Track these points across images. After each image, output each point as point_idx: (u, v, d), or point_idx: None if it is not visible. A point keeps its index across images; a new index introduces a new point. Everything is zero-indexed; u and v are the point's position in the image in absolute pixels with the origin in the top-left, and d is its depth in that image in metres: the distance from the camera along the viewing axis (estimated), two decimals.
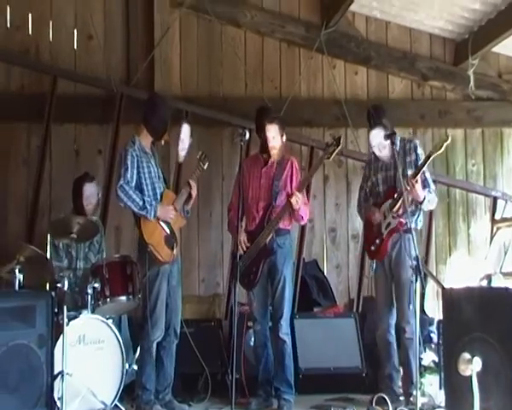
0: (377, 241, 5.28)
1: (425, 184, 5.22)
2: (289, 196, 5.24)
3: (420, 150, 5.33)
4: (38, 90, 6.68)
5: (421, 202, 5.17)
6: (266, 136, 5.34)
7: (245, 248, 5.30)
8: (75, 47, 6.90)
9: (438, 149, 5.03)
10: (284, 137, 5.44)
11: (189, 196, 5.22)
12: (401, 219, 5.14)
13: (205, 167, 5.31)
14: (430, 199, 5.23)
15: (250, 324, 5.65)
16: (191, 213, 5.45)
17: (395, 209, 5.16)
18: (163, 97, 5.45)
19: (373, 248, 5.32)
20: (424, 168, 5.14)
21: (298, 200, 5.21)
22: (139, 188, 5.07)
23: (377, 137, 5.29)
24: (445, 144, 5.01)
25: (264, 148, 5.43)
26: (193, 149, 5.80)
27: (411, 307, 5.13)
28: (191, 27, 7.07)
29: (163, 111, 5.22)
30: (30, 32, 6.83)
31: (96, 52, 6.86)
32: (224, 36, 7.09)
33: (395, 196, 5.15)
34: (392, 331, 5.32)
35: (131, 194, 5.00)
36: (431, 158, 5.07)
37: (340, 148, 5.23)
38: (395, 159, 5.05)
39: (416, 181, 5.02)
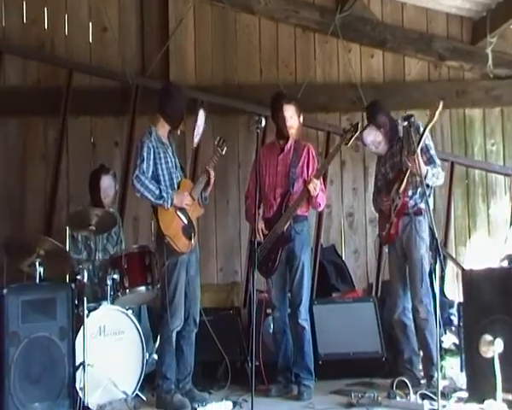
0: (387, 225, 5.29)
1: (430, 161, 5.22)
2: (307, 182, 5.23)
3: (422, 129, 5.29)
4: (54, 84, 6.72)
5: (424, 176, 5.08)
6: (284, 115, 5.33)
7: (262, 236, 5.31)
8: (90, 40, 6.92)
9: (432, 119, 5.04)
10: (301, 118, 5.44)
11: (207, 182, 5.21)
12: (405, 199, 5.13)
13: (223, 153, 5.30)
14: (434, 173, 5.18)
15: (269, 311, 5.66)
16: (209, 201, 5.45)
17: (401, 190, 5.17)
18: (178, 86, 5.46)
19: (384, 233, 5.34)
20: (426, 143, 5.16)
21: (316, 187, 5.20)
22: (156, 179, 5.07)
23: (369, 136, 5.37)
24: (437, 112, 5.02)
25: (281, 132, 5.42)
26: (209, 137, 5.81)
27: (424, 286, 5.12)
28: (205, 16, 7.05)
29: (178, 99, 5.22)
30: (45, 27, 6.87)
31: (110, 44, 6.87)
32: (238, 23, 7.06)
33: (401, 177, 5.17)
34: (409, 314, 5.30)
35: (147, 184, 5.01)
36: (427, 129, 5.07)
37: (357, 133, 5.23)
38: (403, 143, 5.06)
39: (416, 155, 4.96)
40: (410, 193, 5.21)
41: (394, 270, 5.37)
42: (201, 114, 5.38)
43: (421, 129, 5.19)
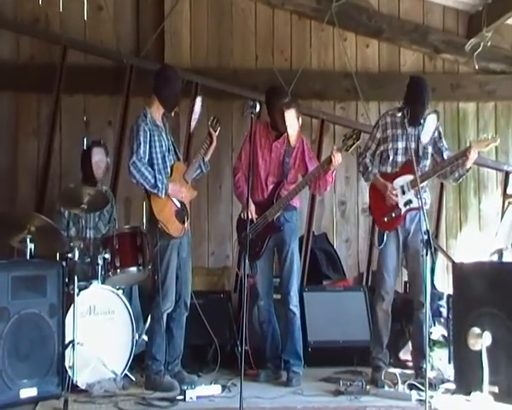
0: (393, 214, 5.17)
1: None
2: (335, 150, 5.13)
3: (441, 128, 5.34)
4: (48, 61, 6.66)
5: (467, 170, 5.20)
6: (284, 123, 5.29)
7: (254, 219, 5.30)
8: (85, 18, 6.85)
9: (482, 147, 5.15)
10: (300, 120, 5.42)
11: (210, 145, 5.20)
12: (419, 202, 5.04)
13: (216, 133, 5.28)
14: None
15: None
16: (201, 187, 5.43)
17: (418, 187, 4.96)
18: (174, 69, 5.41)
19: (386, 219, 5.19)
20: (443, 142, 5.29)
21: (339, 160, 5.12)
22: (150, 162, 5.05)
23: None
24: (491, 144, 5.13)
25: (275, 126, 5.41)
26: (203, 120, 5.77)
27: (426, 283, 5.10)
28: None
29: (174, 83, 5.19)
30: (40, 2, 6.79)
31: (105, 23, 6.81)
32: (235, 7, 7.03)
33: (421, 175, 5.07)
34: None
35: (144, 171, 4.98)
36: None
37: (359, 142, 5.14)
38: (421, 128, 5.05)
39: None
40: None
41: (392, 259, 5.21)
42: (199, 101, 5.35)
43: (440, 127, 5.31)
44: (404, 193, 5.17)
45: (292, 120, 5.32)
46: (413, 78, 5.40)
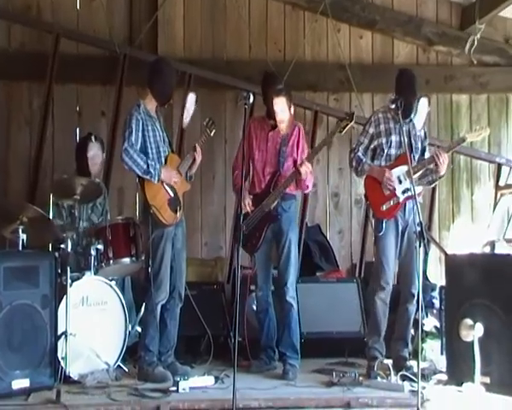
0: (391, 202, 5.17)
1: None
2: (299, 164, 5.20)
3: (426, 128, 5.44)
4: (40, 49, 6.59)
5: (440, 177, 5.20)
6: (274, 110, 5.28)
7: (250, 211, 5.29)
8: (77, 7, 6.79)
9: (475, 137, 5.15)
10: (292, 109, 5.40)
11: (193, 161, 5.19)
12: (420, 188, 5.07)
13: (211, 134, 5.28)
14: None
15: (252, 287, 5.63)
16: (194, 177, 5.41)
17: (417, 176, 5.06)
18: (168, 61, 5.38)
19: (384, 207, 5.18)
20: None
21: (307, 170, 5.18)
22: (144, 151, 5.04)
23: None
24: (482, 134, 5.13)
25: (271, 115, 5.38)
26: (196, 112, 5.76)
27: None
28: None
29: (168, 76, 5.17)
30: None
31: (98, 12, 6.76)
32: None
33: (419, 164, 5.13)
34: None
35: (136, 157, 4.97)
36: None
37: (352, 123, 5.19)
38: (412, 125, 5.04)
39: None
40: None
41: (391, 248, 5.17)
42: (191, 97, 5.33)
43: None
44: (400, 182, 5.19)
45: (281, 107, 5.29)
46: (402, 70, 5.45)
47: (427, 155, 5.34)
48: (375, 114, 5.42)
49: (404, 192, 5.17)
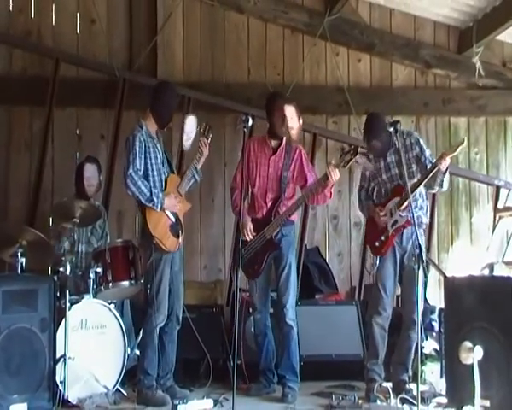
0: (382, 238, 5.18)
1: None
2: (330, 169, 5.10)
3: (422, 142, 5.30)
4: (40, 74, 6.66)
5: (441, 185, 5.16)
6: (284, 115, 5.30)
7: (251, 237, 5.30)
8: (77, 31, 6.86)
9: (453, 151, 5.03)
10: (301, 120, 5.42)
11: (201, 154, 5.18)
12: (409, 217, 4.99)
13: (209, 140, 5.25)
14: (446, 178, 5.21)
15: (251, 310, 5.63)
16: (194, 200, 5.43)
17: (402, 207, 5.07)
18: (171, 85, 5.39)
19: (377, 244, 5.22)
20: (426, 156, 5.20)
21: (336, 176, 5.10)
22: (145, 174, 5.05)
23: (362, 159, 5.27)
24: (460, 147, 5.03)
25: (274, 132, 5.39)
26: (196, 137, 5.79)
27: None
28: (194, 12, 7.03)
29: (170, 100, 5.20)
30: (32, 16, 6.79)
31: (98, 36, 6.82)
32: (227, 22, 7.05)
33: (403, 194, 5.05)
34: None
35: (140, 184, 4.97)
36: (447, 159, 5.02)
37: (356, 158, 5.14)
38: (400, 155, 5.01)
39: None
40: (414, 207, 5.06)
41: (389, 279, 5.20)
42: (190, 120, 5.33)
43: (420, 140, 5.27)
44: (391, 215, 5.19)
45: (291, 114, 5.32)
46: (367, 115, 5.46)
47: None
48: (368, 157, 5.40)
49: (392, 225, 5.17)
